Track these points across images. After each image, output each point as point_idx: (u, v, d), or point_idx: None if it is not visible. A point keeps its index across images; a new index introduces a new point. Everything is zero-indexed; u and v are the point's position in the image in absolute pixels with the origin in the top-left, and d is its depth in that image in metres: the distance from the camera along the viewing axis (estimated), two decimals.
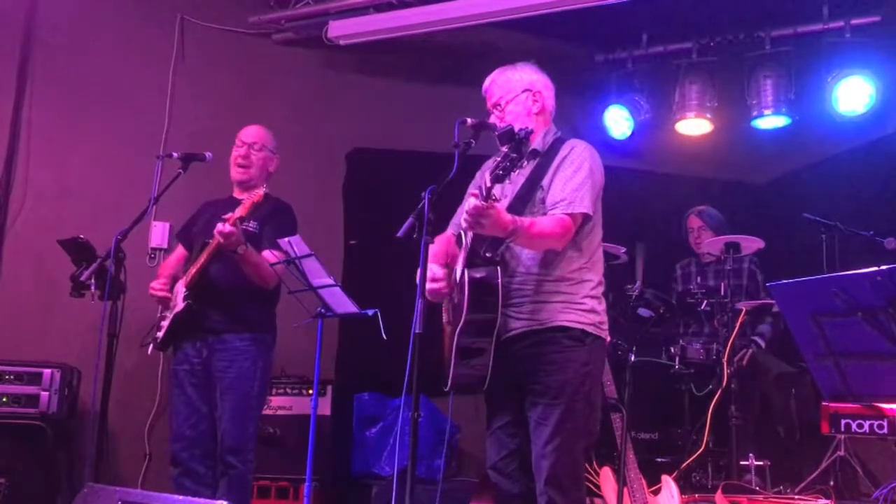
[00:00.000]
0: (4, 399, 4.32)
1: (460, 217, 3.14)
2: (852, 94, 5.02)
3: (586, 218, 2.95)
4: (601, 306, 3.01)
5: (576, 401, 2.86)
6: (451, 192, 2.87)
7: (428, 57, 5.80)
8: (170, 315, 3.80)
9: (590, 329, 2.93)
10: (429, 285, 2.89)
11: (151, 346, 3.92)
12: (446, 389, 2.90)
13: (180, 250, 4.08)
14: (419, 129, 5.50)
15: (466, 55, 5.64)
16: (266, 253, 3.78)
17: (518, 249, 2.94)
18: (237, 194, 3.94)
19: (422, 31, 5.31)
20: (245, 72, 5.59)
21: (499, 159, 2.67)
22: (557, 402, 2.85)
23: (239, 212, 3.62)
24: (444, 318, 3.03)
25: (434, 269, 2.92)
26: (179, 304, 3.75)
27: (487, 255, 2.87)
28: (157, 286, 3.83)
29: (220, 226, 3.59)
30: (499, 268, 2.86)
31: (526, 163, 3.04)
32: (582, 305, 2.93)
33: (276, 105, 5.55)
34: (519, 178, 3.01)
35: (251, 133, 4.00)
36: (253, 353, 3.77)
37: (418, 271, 2.75)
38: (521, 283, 2.94)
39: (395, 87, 5.84)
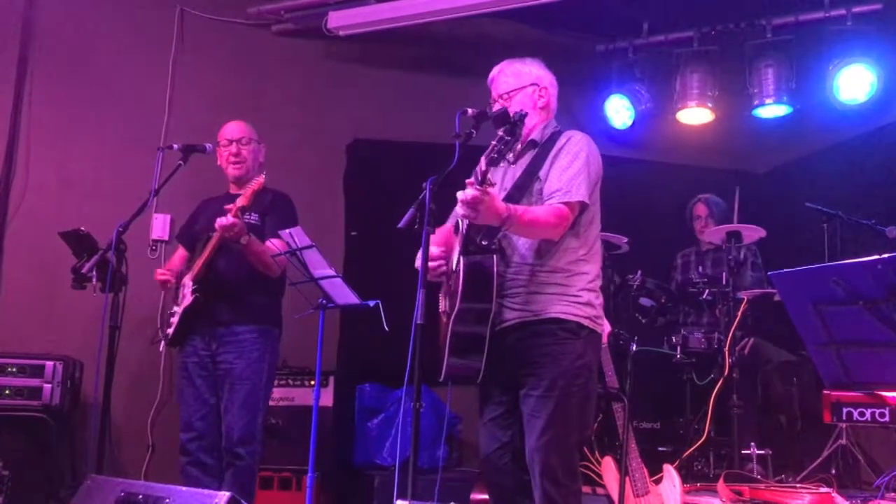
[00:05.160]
0: (7, 391, 4.33)
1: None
2: (854, 83, 5.01)
3: (583, 206, 2.95)
4: (598, 300, 2.99)
5: (570, 394, 2.85)
6: (452, 183, 2.86)
7: (428, 47, 5.78)
8: (179, 310, 3.82)
9: (585, 322, 2.92)
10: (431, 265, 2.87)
11: (163, 342, 3.93)
12: (440, 380, 2.89)
13: (181, 251, 4.10)
14: (420, 120, 5.49)
15: (467, 45, 5.63)
16: (269, 243, 3.79)
17: (515, 239, 2.94)
18: (234, 191, 3.96)
19: (422, 21, 5.29)
20: (245, 63, 5.58)
21: (493, 142, 2.66)
22: (551, 395, 2.84)
23: (241, 201, 3.64)
24: (441, 307, 3.02)
25: (431, 249, 2.90)
26: (188, 298, 3.77)
27: (483, 242, 2.85)
28: (162, 270, 3.87)
29: (220, 219, 3.61)
30: (495, 256, 2.85)
31: (525, 153, 3.04)
32: (578, 298, 2.92)
33: (275, 96, 5.54)
34: (517, 168, 3.01)
35: (235, 129, 4.02)
36: (261, 345, 3.81)
37: (418, 259, 2.75)
38: (517, 273, 2.93)
39: (395, 77, 5.83)
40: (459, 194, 2.65)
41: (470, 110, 2.88)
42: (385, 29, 5.35)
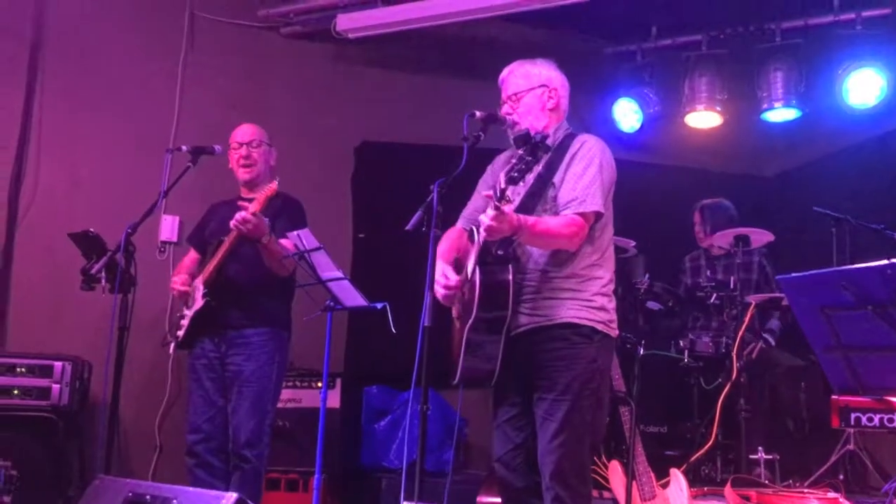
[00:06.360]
0: (16, 391, 4.34)
1: (471, 211, 3.15)
2: (863, 87, 5.00)
3: (598, 215, 2.95)
4: (611, 304, 3.00)
5: (583, 397, 2.86)
6: (460, 185, 2.88)
7: (437, 50, 5.79)
8: (189, 313, 3.82)
9: (599, 327, 2.92)
10: (442, 291, 2.90)
11: (173, 345, 3.93)
12: (454, 383, 2.90)
13: (193, 254, 4.12)
14: (428, 122, 5.50)
15: (475, 48, 5.64)
16: (284, 241, 3.79)
17: (529, 246, 2.94)
18: (245, 194, 3.98)
19: (430, 23, 5.30)
20: (254, 65, 5.60)
21: (514, 161, 2.67)
22: (564, 399, 2.84)
23: (254, 206, 3.64)
24: (454, 312, 3.03)
25: (450, 274, 2.93)
26: (199, 302, 3.78)
27: (499, 252, 2.87)
28: (179, 280, 3.87)
29: (239, 214, 3.61)
30: (510, 266, 2.86)
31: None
32: (592, 303, 2.93)
33: (284, 98, 5.56)
34: (530, 174, 3.00)
35: (246, 132, 4.03)
36: (270, 349, 3.81)
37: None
38: (531, 279, 2.94)
39: (403, 80, 5.84)
40: (482, 217, 2.69)
41: (478, 113, 2.89)
42: (394, 31, 5.36)
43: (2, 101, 5.09)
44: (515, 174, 2.62)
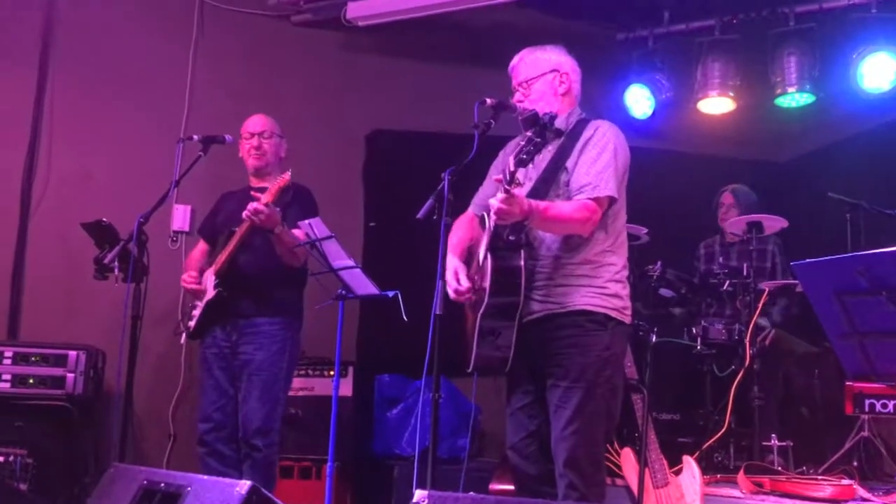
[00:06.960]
0: (31, 381, 4.38)
1: (482, 197, 3.14)
2: (877, 71, 4.94)
3: (612, 201, 2.93)
4: (625, 291, 2.99)
5: (597, 385, 2.85)
6: (471, 173, 2.87)
7: (447, 37, 5.76)
8: (201, 304, 3.84)
9: (613, 314, 2.91)
10: (453, 295, 2.89)
11: (184, 335, 3.95)
12: (468, 371, 2.90)
13: (202, 245, 4.13)
14: (439, 110, 5.48)
15: (486, 35, 5.61)
16: (296, 231, 3.80)
17: (542, 232, 2.93)
18: (254, 183, 3.99)
19: (441, 10, 5.28)
20: (264, 54, 5.59)
21: (522, 143, 2.65)
22: (578, 386, 2.84)
23: (266, 197, 3.65)
24: None
25: (462, 277, 2.92)
26: (210, 292, 3.79)
27: (511, 238, 2.86)
28: (188, 278, 3.89)
29: (251, 204, 3.62)
30: (522, 251, 2.85)
31: (549, 144, 3.02)
32: (605, 290, 2.92)
33: (295, 87, 5.55)
34: (542, 159, 2.98)
35: (257, 123, 4.04)
36: (282, 337, 3.82)
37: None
38: (544, 266, 2.93)
39: (414, 67, 5.82)
40: (491, 201, 2.68)
41: (489, 100, 2.88)
42: (404, 19, 5.34)
43: (14, 93, 5.12)
44: (524, 156, 2.61)
